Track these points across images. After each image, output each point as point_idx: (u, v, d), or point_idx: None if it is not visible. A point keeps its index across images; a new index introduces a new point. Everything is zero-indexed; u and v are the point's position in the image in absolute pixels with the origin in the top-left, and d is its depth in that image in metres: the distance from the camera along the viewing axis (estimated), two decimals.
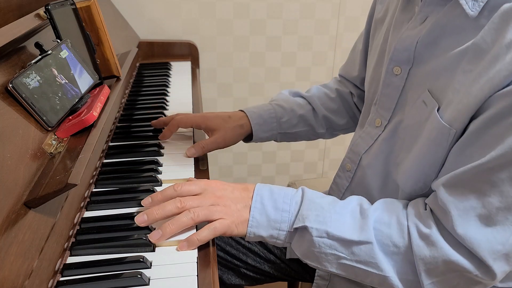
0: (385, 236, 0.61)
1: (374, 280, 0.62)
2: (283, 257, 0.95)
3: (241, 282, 0.98)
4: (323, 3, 1.57)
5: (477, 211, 0.55)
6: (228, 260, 0.95)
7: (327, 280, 0.81)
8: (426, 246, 0.58)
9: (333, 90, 1.01)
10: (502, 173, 0.53)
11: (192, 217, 0.62)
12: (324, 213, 0.63)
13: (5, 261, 0.46)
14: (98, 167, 0.79)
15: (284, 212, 0.64)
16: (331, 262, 0.63)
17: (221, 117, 0.91)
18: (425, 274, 0.58)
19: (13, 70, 0.64)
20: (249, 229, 0.64)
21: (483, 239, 0.55)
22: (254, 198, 0.65)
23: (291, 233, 0.64)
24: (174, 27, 1.51)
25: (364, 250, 0.61)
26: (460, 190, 0.57)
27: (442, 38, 0.63)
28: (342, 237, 0.61)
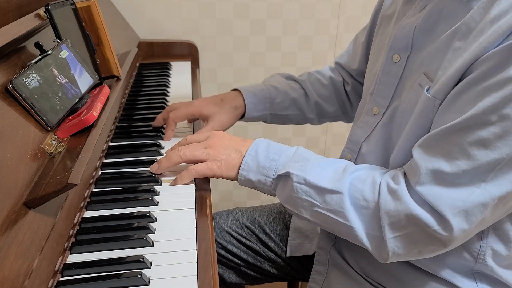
0: (357, 190, 0.64)
1: (342, 230, 0.65)
2: (284, 256, 0.95)
3: (242, 281, 0.98)
4: (323, 3, 1.56)
5: (444, 171, 0.57)
6: (229, 259, 0.96)
7: (323, 275, 0.81)
8: (392, 200, 0.60)
9: (326, 77, 1.02)
10: (470, 136, 0.55)
11: (180, 155, 0.73)
12: (308, 163, 0.68)
13: (5, 261, 0.46)
14: (98, 167, 0.79)
15: (273, 161, 0.70)
16: (306, 208, 0.67)
17: (213, 102, 0.93)
18: (388, 228, 0.60)
19: (13, 70, 0.64)
20: (241, 172, 0.71)
21: (446, 195, 0.57)
22: (251, 146, 0.72)
23: (276, 180, 0.70)
24: (174, 27, 1.51)
25: (335, 199, 0.64)
26: (431, 150, 0.59)
27: (438, 23, 0.65)
28: (317, 184, 0.65)
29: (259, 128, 1.72)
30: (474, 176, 0.56)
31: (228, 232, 0.96)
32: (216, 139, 0.74)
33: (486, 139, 0.54)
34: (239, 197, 1.82)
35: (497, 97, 0.53)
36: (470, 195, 0.56)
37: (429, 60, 0.65)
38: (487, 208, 0.56)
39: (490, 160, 0.54)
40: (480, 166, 0.55)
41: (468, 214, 0.56)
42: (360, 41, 0.96)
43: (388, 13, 0.80)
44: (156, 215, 0.67)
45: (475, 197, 0.56)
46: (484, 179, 0.55)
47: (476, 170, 0.55)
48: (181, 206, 0.69)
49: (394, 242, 0.61)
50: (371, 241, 0.63)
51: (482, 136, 0.54)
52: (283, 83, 1.00)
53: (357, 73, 0.99)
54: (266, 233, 0.96)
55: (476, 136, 0.55)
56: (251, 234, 0.96)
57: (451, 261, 0.68)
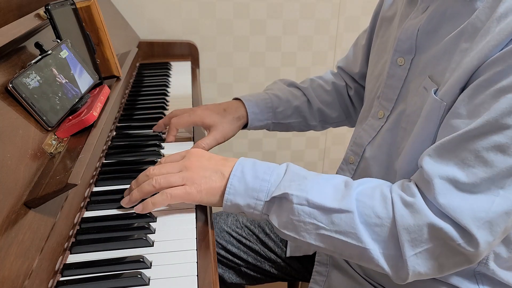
0: (367, 207, 0.58)
1: (353, 252, 0.59)
2: (284, 256, 0.95)
3: (242, 281, 0.98)
4: (323, 3, 1.56)
5: (461, 180, 0.54)
6: (229, 259, 0.96)
7: (324, 276, 0.81)
8: (410, 214, 0.56)
9: (329, 83, 1.01)
10: (486, 142, 0.53)
11: (153, 184, 0.64)
12: (306, 182, 0.62)
13: (5, 261, 0.46)
14: (98, 167, 0.79)
15: (264, 181, 0.63)
16: (309, 232, 0.60)
17: (216, 112, 0.90)
18: (408, 245, 0.56)
19: (13, 70, 0.64)
20: (226, 196, 0.63)
21: (466, 206, 0.53)
22: (235, 166, 0.65)
23: (268, 203, 0.63)
24: (174, 27, 1.51)
25: (344, 219, 0.58)
26: (444, 159, 0.56)
27: (442, 24, 0.63)
28: (322, 205, 0.59)
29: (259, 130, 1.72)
30: (492, 183, 0.53)
31: (228, 232, 0.96)
32: (193, 160, 0.67)
33: (503, 144, 0.52)
34: None
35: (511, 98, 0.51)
36: (492, 204, 0.53)
37: (434, 63, 0.64)
38: (510, 216, 0.54)
39: (508, 166, 0.52)
40: (499, 173, 0.53)
41: (492, 225, 0.53)
42: (361, 44, 0.95)
43: (388, 15, 0.80)
44: (156, 215, 0.67)
45: (497, 207, 0.53)
46: (502, 186, 0.53)
47: (495, 177, 0.53)
48: (181, 206, 0.69)
49: (414, 259, 0.56)
50: (387, 261, 0.58)
51: (499, 141, 0.52)
52: (285, 91, 0.99)
53: (360, 76, 0.98)
54: (266, 233, 0.96)
55: (493, 141, 0.52)
56: (251, 234, 0.96)
57: None
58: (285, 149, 1.80)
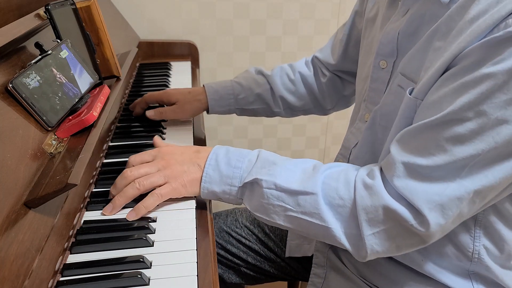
0: (331, 188, 0.62)
1: (318, 232, 0.63)
2: (283, 256, 0.95)
3: (242, 281, 0.98)
4: (323, 3, 1.56)
5: (420, 166, 0.57)
6: (228, 259, 0.96)
7: (322, 278, 0.81)
8: (368, 195, 0.60)
9: (295, 72, 1.05)
10: (447, 132, 0.55)
11: (137, 187, 0.66)
12: (275, 167, 0.66)
13: (5, 261, 0.46)
14: (98, 167, 0.79)
15: (236, 168, 0.67)
16: (278, 214, 0.65)
17: (181, 92, 1.00)
18: (366, 224, 0.60)
19: (13, 70, 0.64)
20: (203, 184, 0.67)
21: (421, 189, 0.57)
22: (209, 156, 0.69)
23: (242, 188, 0.67)
24: (174, 27, 1.51)
25: (309, 201, 0.62)
26: (408, 145, 0.59)
27: (421, 27, 0.65)
28: (289, 188, 0.63)
29: (259, 128, 1.73)
30: (450, 171, 0.56)
31: (227, 232, 0.96)
32: (168, 157, 0.70)
33: (462, 135, 0.55)
34: None
35: (474, 93, 0.53)
36: (445, 189, 0.56)
37: (407, 61, 0.65)
38: (463, 202, 0.56)
39: (466, 155, 0.55)
40: (456, 161, 0.55)
41: (444, 209, 0.56)
42: (338, 38, 0.98)
43: (371, 16, 0.81)
44: (156, 215, 0.67)
45: (451, 191, 0.56)
46: (459, 174, 0.56)
47: (452, 165, 0.55)
48: (181, 206, 0.69)
49: (372, 239, 0.60)
50: (349, 240, 0.62)
51: (458, 132, 0.55)
52: (250, 79, 1.04)
53: (335, 69, 1.01)
54: (266, 233, 0.96)
55: (453, 132, 0.55)
56: (250, 234, 0.96)
57: (448, 262, 0.68)
58: (285, 149, 1.80)
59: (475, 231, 0.66)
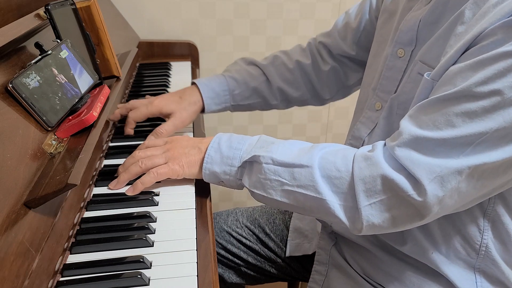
0: (329, 162, 0.63)
1: (313, 205, 0.63)
2: (284, 256, 0.95)
3: (242, 281, 0.98)
4: (323, 3, 1.56)
5: (426, 138, 0.57)
6: (229, 259, 0.96)
7: (323, 275, 0.81)
8: (367, 166, 0.60)
9: (292, 61, 1.00)
10: (457, 107, 0.55)
11: (140, 165, 0.71)
12: (273, 145, 0.67)
13: (5, 261, 0.46)
14: (98, 167, 0.79)
15: (237, 150, 0.69)
16: (275, 189, 0.65)
17: (173, 101, 0.93)
18: (363, 195, 0.59)
19: (13, 70, 0.64)
20: (204, 165, 0.70)
21: (423, 160, 0.56)
22: (213, 139, 0.72)
23: (241, 168, 0.69)
24: (174, 27, 1.51)
25: (304, 173, 0.63)
26: (418, 118, 0.59)
27: (443, 15, 0.65)
28: (284, 161, 0.64)
29: (259, 128, 1.72)
30: (455, 146, 0.56)
31: (228, 232, 0.96)
32: (174, 142, 0.74)
33: (473, 111, 0.54)
34: (239, 197, 1.82)
35: (490, 70, 0.53)
36: (447, 162, 0.56)
37: (428, 48, 0.65)
38: (462, 175, 0.56)
39: (473, 132, 0.54)
40: (462, 137, 0.55)
41: (444, 181, 0.56)
42: (351, 25, 0.94)
43: (391, 8, 0.80)
44: (156, 215, 0.67)
45: (452, 164, 0.55)
46: (463, 151, 0.55)
47: (458, 141, 0.55)
48: (181, 206, 0.69)
49: (369, 210, 0.59)
50: (344, 212, 0.61)
51: (469, 108, 0.54)
52: (243, 72, 0.99)
53: (344, 55, 0.97)
54: (266, 233, 0.96)
55: (464, 107, 0.55)
56: (251, 234, 0.96)
57: (455, 255, 0.68)
58: None
59: (484, 224, 0.66)
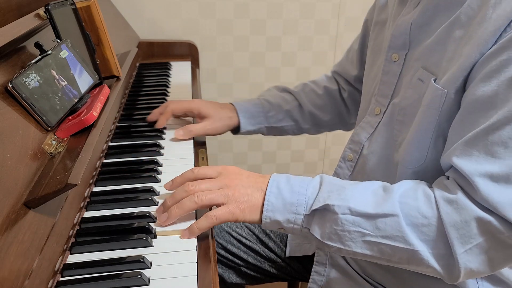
0: (412, 208, 0.58)
1: (402, 256, 0.59)
2: (284, 256, 0.95)
3: (242, 281, 0.98)
4: (323, 3, 1.56)
5: (495, 174, 0.54)
6: (229, 259, 0.96)
7: (323, 275, 0.82)
8: (455, 211, 0.56)
9: (320, 87, 1.04)
10: (511, 132, 0.53)
11: (195, 200, 0.62)
12: (346, 191, 0.61)
13: (5, 261, 0.46)
14: (98, 167, 0.79)
15: (301, 195, 0.62)
16: (355, 240, 0.60)
17: (213, 106, 0.96)
18: (457, 242, 0.55)
19: (13, 70, 0.64)
20: (265, 213, 0.63)
21: (506, 200, 0.53)
22: (270, 183, 0.64)
23: (308, 216, 0.62)
24: (174, 27, 1.51)
25: (389, 223, 0.58)
26: (476, 156, 0.56)
27: (435, 17, 0.65)
28: (366, 212, 0.59)
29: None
30: None
31: (228, 232, 0.96)
32: (233, 177, 0.66)
33: None
34: None
35: None
36: None
37: (426, 54, 0.65)
38: None
39: None
40: None
41: None
42: (354, 48, 0.99)
43: (381, 19, 0.82)
44: (156, 215, 0.67)
45: None
46: None
47: None
48: None
49: (465, 256, 0.56)
50: (438, 261, 0.57)
51: None
52: (277, 97, 1.03)
53: (355, 79, 1.01)
54: (266, 233, 0.96)
55: None
56: (251, 234, 0.96)
57: None
58: (285, 149, 1.80)
59: None
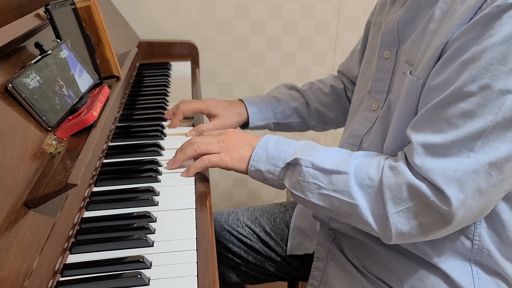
0: (363, 171, 0.66)
1: (347, 209, 0.66)
2: (284, 255, 0.95)
3: (242, 280, 0.98)
4: (323, 3, 1.56)
5: (435, 144, 0.60)
6: (229, 258, 0.96)
7: (322, 271, 0.82)
8: (393, 175, 0.63)
9: (327, 86, 1.07)
10: (454, 109, 0.58)
11: (195, 149, 0.77)
12: (315, 151, 0.71)
13: (5, 261, 0.46)
14: (98, 167, 0.79)
15: (282, 151, 0.73)
16: (312, 191, 0.69)
17: (222, 105, 1.01)
18: (391, 203, 0.62)
19: (13, 70, 0.64)
20: (251, 162, 0.74)
21: (438, 167, 0.59)
22: (261, 139, 0.76)
23: (284, 169, 0.72)
24: (174, 27, 1.51)
25: (340, 179, 0.66)
26: (422, 127, 0.62)
27: (418, 14, 0.69)
28: (324, 167, 0.68)
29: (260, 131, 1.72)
30: (462, 146, 0.58)
31: (228, 231, 0.97)
32: (230, 135, 0.79)
33: (469, 110, 0.57)
34: (239, 197, 1.82)
35: (474, 69, 0.56)
36: (460, 164, 0.58)
37: (409, 48, 0.69)
38: (479, 175, 0.58)
39: (476, 129, 0.57)
40: (467, 135, 0.57)
41: (462, 183, 0.58)
42: (357, 48, 1.01)
43: (379, 20, 0.84)
44: (156, 215, 0.67)
45: (465, 166, 0.58)
46: (472, 148, 0.58)
47: (464, 140, 0.58)
48: (181, 206, 0.69)
49: (396, 217, 0.62)
50: (376, 219, 0.64)
51: (465, 107, 0.57)
52: (285, 94, 1.06)
53: None
54: (267, 232, 0.96)
55: (460, 108, 0.58)
56: (251, 233, 0.97)
57: (449, 246, 0.69)
58: None
59: None
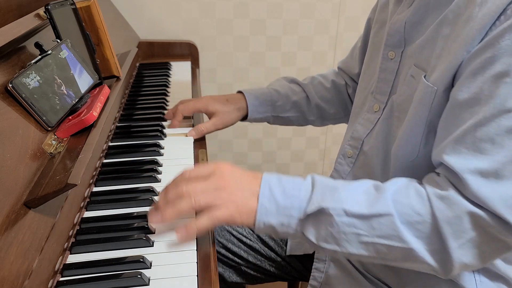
0: (405, 206, 0.58)
1: (398, 255, 0.59)
2: (284, 255, 0.95)
3: (242, 280, 0.98)
4: (323, 3, 1.56)
5: (485, 170, 0.55)
6: (229, 258, 0.96)
7: (322, 272, 0.82)
8: (447, 207, 0.56)
9: (328, 81, 1.06)
10: (497, 128, 0.54)
11: (192, 203, 0.60)
12: (339, 193, 0.61)
13: (5, 261, 0.46)
14: (98, 167, 0.79)
15: (294, 197, 0.61)
16: (351, 241, 0.60)
17: (220, 101, 0.99)
18: (451, 237, 0.56)
19: (13, 70, 0.64)
20: (258, 217, 0.61)
21: (494, 195, 0.54)
22: (262, 185, 0.62)
23: (302, 220, 0.61)
24: (174, 27, 1.51)
25: (384, 223, 0.58)
26: (462, 152, 0.57)
27: (427, 15, 0.67)
28: (360, 213, 0.59)
29: (259, 128, 1.72)
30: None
31: (228, 231, 0.96)
32: (227, 178, 0.63)
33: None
34: None
35: (511, 82, 0.53)
36: None
37: (419, 51, 0.67)
38: None
39: None
40: None
41: None
42: (357, 46, 1.00)
43: (381, 17, 0.83)
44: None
45: None
46: None
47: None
48: None
49: (459, 251, 0.56)
50: (433, 257, 0.58)
51: (509, 125, 0.53)
52: (285, 87, 1.05)
53: (358, 77, 1.01)
54: None
55: (504, 126, 0.54)
56: (251, 233, 0.97)
57: None
58: (285, 149, 1.80)
59: None
